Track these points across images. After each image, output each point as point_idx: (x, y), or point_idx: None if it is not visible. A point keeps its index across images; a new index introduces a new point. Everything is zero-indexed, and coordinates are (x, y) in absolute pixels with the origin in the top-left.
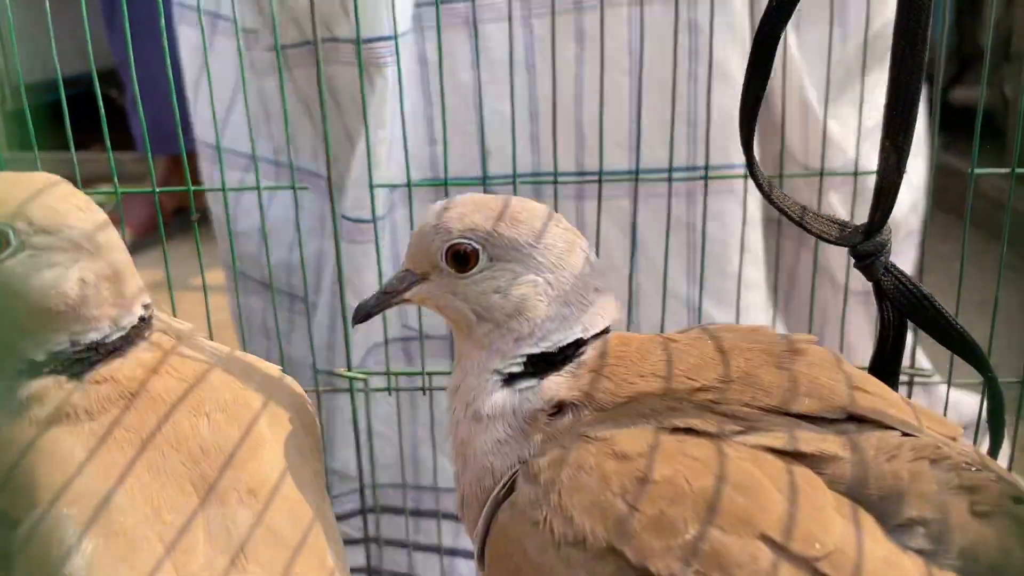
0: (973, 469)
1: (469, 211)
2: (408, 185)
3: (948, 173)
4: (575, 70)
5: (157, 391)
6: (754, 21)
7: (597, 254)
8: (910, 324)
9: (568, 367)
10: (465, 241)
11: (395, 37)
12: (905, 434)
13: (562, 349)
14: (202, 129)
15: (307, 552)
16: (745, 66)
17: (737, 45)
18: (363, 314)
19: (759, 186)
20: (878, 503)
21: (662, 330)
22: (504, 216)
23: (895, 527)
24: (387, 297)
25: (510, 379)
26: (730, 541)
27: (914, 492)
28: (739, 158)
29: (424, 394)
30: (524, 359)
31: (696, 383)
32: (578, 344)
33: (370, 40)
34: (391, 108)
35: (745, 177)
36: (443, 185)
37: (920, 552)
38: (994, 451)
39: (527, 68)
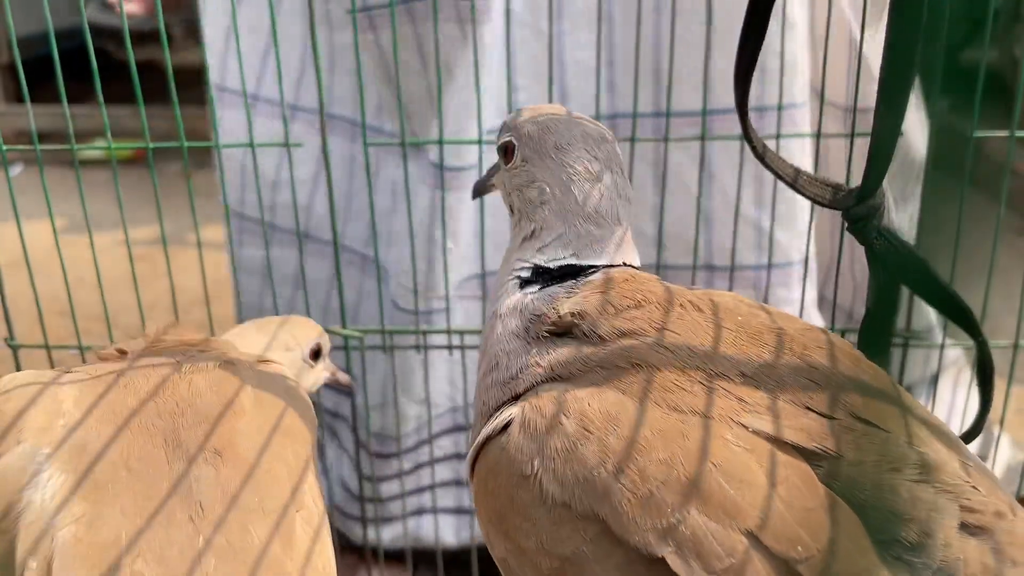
0: (969, 487)
1: (527, 115)
2: (479, 142)
3: (953, 135)
4: (654, 19)
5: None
6: None
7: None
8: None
9: (569, 282)
10: (509, 138)
11: None
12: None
13: (561, 268)
14: (227, 77)
15: (267, 519)
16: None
17: None
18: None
19: (753, 148)
20: (871, 510)
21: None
22: (541, 124)
23: (881, 540)
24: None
25: (523, 284)
26: (712, 529)
27: (910, 516)
28: (800, 97)
29: (418, 352)
30: (532, 267)
31: (711, 357)
32: (577, 268)
33: None
34: (486, 62)
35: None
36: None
37: (900, 560)
38: (982, 415)
39: (607, 19)
